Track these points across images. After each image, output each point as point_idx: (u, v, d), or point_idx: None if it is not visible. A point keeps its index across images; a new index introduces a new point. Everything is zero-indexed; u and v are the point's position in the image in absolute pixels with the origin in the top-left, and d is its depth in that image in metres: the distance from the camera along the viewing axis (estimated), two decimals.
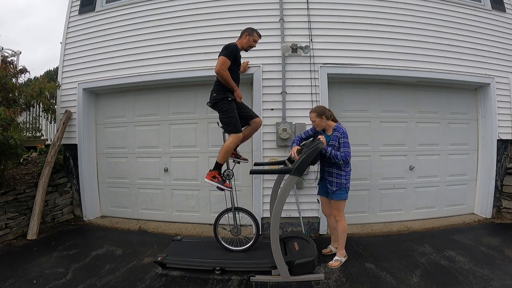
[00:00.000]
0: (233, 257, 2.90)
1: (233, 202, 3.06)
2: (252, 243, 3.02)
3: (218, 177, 2.81)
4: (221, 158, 2.85)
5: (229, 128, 2.85)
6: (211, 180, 2.79)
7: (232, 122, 2.83)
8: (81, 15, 4.50)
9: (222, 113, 2.87)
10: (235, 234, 3.08)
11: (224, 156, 2.86)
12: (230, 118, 2.83)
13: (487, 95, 4.22)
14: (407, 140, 4.16)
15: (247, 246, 3.01)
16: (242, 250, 2.99)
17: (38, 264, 2.97)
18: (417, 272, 2.69)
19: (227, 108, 2.83)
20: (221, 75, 2.76)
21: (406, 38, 3.93)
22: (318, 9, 3.82)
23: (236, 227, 3.08)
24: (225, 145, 2.86)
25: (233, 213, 3.08)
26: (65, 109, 4.43)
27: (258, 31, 3.03)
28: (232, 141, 2.83)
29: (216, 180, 2.79)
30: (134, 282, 2.60)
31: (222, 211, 3.13)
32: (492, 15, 4.28)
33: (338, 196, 2.81)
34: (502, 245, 3.23)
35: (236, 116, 2.86)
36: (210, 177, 2.80)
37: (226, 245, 3.03)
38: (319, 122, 2.89)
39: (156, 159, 4.33)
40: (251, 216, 3.09)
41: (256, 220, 3.08)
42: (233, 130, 2.83)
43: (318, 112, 2.91)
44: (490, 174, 4.18)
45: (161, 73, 3.99)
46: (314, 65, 3.75)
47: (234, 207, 3.08)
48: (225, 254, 2.95)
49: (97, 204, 4.57)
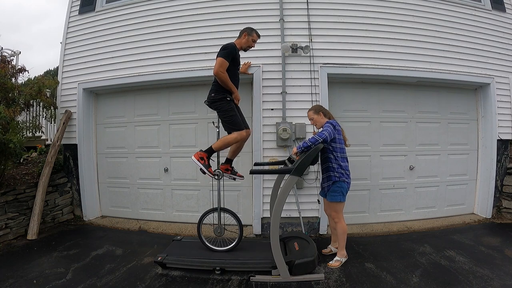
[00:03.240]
0: (233, 257, 2.89)
1: (219, 203, 3.05)
2: (235, 243, 3.00)
3: (206, 160, 2.78)
4: (217, 146, 2.82)
5: (231, 126, 2.82)
6: (198, 160, 2.75)
7: (233, 120, 2.81)
8: (81, 15, 4.50)
9: (221, 113, 2.85)
10: (218, 234, 3.06)
11: (220, 146, 2.82)
12: (231, 116, 2.81)
13: (487, 95, 4.22)
14: (407, 140, 4.16)
15: (230, 246, 3.00)
16: (225, 250, 2.98)
17: (38, 264, 2.97)
18: (417, 272, 2.69)
19: (227, 107, 2.82)
20: (219, 77, 2.75)
21: (406, 38, 3.93)
22: (318, 9, 3.82)
23: (220, 227, 3.06)
24: (226, 137, 2.82)
25: (218, 213, 3.07)
26: (65, 109, 4.43)
27: (257, 31, 3.01)
28: (235, 137, 2.79)
29: (202, 162, 2.75)
30: (134, 282, 2.60)
31: (207, 210, 3.12)
32: (492, 15, 4.28)
33: (333, 197, 2.80)
34: (502, 245, 3.23)
35: (236, 114, 2.84)
36: (197, 157, 2.77)
37: (209, 245, 3.01)
38: (317, 118, 2.91)
39: (156, 159, 4.32)
40: (235, 217, 3.06)
41: (239, 221, 3.05)
42: (236, 128, 2.80)
43: (315, 109, 2.95)
44: (490, 174, 4.18)
45: (161, 73, 3.99)
46: (314, 65, 3.75)
47: (220, 208, 3.06)
48: (225, 254, 2.95)
49: (97, 204, 4.56)
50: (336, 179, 2.76)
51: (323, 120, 2.90)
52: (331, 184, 2.79)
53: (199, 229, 3.05)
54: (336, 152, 2.77)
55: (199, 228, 3.05)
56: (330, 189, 2.80)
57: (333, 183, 2.78)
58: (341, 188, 2.78)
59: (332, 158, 2.78)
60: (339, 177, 2.76)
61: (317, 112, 2.92)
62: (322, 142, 2.61)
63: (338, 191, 2.77)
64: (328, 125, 2.74)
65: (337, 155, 2.77)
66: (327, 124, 2.76)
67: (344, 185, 2.78)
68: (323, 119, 2.90)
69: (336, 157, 2.77)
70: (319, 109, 2.94)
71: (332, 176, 2.78)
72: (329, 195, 2.82)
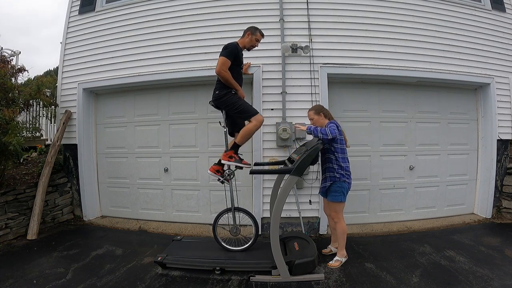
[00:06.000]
0: (233, 257, 2.89)
1: (232, 202, 3.06)
2: (251, 243, 3.01)
3: (235, 156, 2.81)
4: (240, 139, 2.82)
5: (246, 114, 2.80)
6: (228, 160, 2.78)
7: (245, 108, 2.80)
8: (81, 15, 4.51)
9: (231, 106, 2.81)
10: (234, 234, 3.07)
11: (244, 138, 2.82)
12: (241, 105, 2.80)
13: (487, 95, 4.22)
14: (407, 140, 4.16)
15: (246, 246, 3.01)
16: (241, 250, 2.99)
17: (38, 264, 2.97)
18: (417, 272, 2.69)
19: (234, 100, 2.80)
20: (222, 76, 2.75)
21: (406, 38, 3.93)
22: (318, 9, 3.83)
23: (235, 227, 3.07)
24: (246, 128, 2.81)
25: (232, 213, 3.08)
26: (65, 109, 4.43)
27: (261, 30, 3.01)
28: (254, 124, 2.77)
29: (233, 159, 2.79)
30: (134, 282, 2.60)
31: (222, 211, 3.12)
32: (492, 15, 4.28)
33: (334, 197, 2.79)
34: (502, 245, 3.23)
35: (246, 102, 2.84)
36: (227, 158, 2.79)
37: (225, 245, 3.02)
38: (317, 119, 2.90)
39: (156, 159, 4.32)
40: (251, 216, 3.08)
41: (255, 220, 3.07)
42: (251, 114, 2.78)
43: (316, 109, 2.94)
44: (490, 174, 4.18)
45: (161, 73, 3.99)
46: (314, 65, 3.75)
47: (234, 207, 3.07)
48: (225, 254, 2.95)
49: (97, 204, 4.56)
50: (336, 179, 2.76)
51: (323, 121, 2.89)
52: (332, 184, 2.79)
53: (214, 229, 3.05)
54: (338, 153, 2.77)
55: (215, 229, 3.05)
56: (331, 189, 2.80)
57: (333, 183, 2.77)
58: (342, 188, 2.77)
59: (333, 159, 2.78)
60: (340, 177, 2.76)
61: (318, 113, 2.91)
62: (331, 139, 2.64)
63: (338, 191, 2.77)
64: (333, 125, 2.73)
65: (338, 155, 2.77)
66: (331, 124, 2.74)
67: (344, 185, 2.78)
68: (324, 120, 2.89)
69: (337, 158, 2.77)
70: (320, 110, 2.94)
71: (332, 176, 2.78)
72: (329, 195, 2.82)
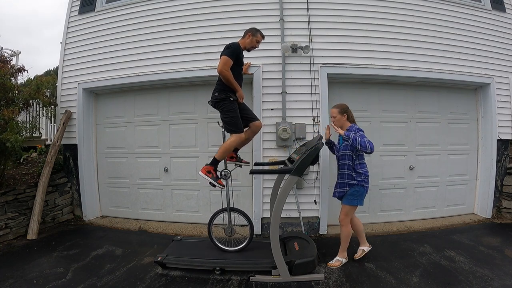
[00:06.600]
0: (233, 257, 2.89)
1: (228, 202, 3.05)
2: (245, 243, 3.00)
3: (213, 172, 2.80)
4: (219, 155, 2.84)
5: (231, 128, 2.84)
6: (205, 175, 2.78)
7: (234, 121, 2.82)
8: (81, 15, 4.50)
9: (224, 113, 2.86)
10: (229, 234, 3.06)
11: (223, 154, 2.85)
12: (232, 118, 2.82)
13: (487, 95, 4.22)
14: (407, 140, 4.16)
15: (240, 246, 3.00)
16: (236, 250, 2.98)
17: (38, 264, 2.97)
18: (417, 272, 2.69)
19: (229, 108, 2.83)
20: (223, 75, 2.75)
21: (406, 38, 3.93)
22: (318, 9, 3.82)
23: (230, 227, 3.06)
24: (226, 143, 2.85)
25: (228, 214, 3.07)
26: (65, 109, 4.43)
27: (261, 32, 3.01)
28: (234, 140, 2.82)
29: (210, 175, 2.77)
30: (134, 282, 2.60)
31: (217, 211, 3.12)
32: (492, 15, 4.28)
33: (350, 201, 2.78)
34: (502, 245, 3.23)
35: (238, 116, 2.85)
36: (205, 172, 2.79)
37: (220, 245, 3.02)
38: (339, 119, 2.84)
39: (156, 159, 4.32)
40: (246, 216, 3.07)
41: (250, 220, 3.06)
42: (235, 130, 2.82)
43: (341, 108, 2.85)
44: (490, 174, 4.18)
45: (161, 73, 3.99)
46: (314, 65, 3.75)
47: (229, 208, 3.07)
48: (225, 254, 2.95)
49: (97, 204, 4.56)
50: (355, 183, 2.75)
51: (345, 122, 2.84)
52: (349, 188, 2.76)
53: (209, 229, 3.05)
54: (358, 159, 2.78)
55: (210, 229, 3.05)
56: (348, 193, 2.78)
57: (351, 187, 2.76)
58: (359, 192, 2.76)
59: (351, 165, 2.76)
60: (358, 183, 2.74)
61: (342, 113, 2.83)
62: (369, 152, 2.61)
63: (356, 194, 2.76)
64: (362, 133, 2.68)
65: (357, 161, 2.77)
66: (361, 133, 2.68)
67: (362, 190, 2.77)
68: (346, 123, 2.84)
69: (360, 163, 2.77)
70: (345, 110, 2.84)
71: (350, 183, 2.76)
72: (346, 198, 2.80)
